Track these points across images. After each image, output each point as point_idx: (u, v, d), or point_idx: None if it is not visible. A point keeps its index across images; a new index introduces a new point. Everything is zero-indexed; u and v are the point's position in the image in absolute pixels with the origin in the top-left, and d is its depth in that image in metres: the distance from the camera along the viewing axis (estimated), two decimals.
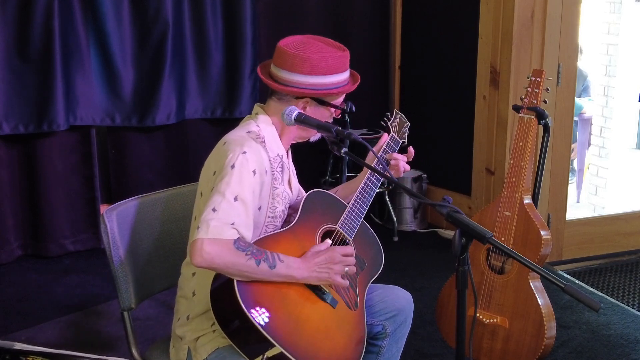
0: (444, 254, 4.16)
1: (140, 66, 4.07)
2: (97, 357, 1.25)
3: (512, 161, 2.58)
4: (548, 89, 2.61)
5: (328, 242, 1.95)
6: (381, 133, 2.33)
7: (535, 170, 2.69)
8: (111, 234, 2.01)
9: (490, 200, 4.14)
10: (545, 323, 2.50)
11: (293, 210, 2.03)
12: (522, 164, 2.55)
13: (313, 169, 4.54)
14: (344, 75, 2.00)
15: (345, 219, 2.03)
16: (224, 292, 1.77)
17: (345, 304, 1.96)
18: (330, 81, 1.95)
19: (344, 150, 1.86)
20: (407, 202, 4.58)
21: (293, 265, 1.83)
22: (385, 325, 2.10)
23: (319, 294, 1.90)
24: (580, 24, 3.93)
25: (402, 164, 2.14)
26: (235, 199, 1.78)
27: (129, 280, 2.04)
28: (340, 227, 2.02)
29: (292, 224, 1.95)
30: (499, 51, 4.00)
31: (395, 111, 2.25)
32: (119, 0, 3.94)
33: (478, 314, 2.62)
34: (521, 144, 2.56)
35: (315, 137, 2.07)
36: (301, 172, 2.20)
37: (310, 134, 2.04)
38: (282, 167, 1.99)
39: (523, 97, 2.60)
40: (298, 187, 2.15)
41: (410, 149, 2.19)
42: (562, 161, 4.02)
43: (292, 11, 4.48)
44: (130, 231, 2.07)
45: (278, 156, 1.98)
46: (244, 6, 4.20)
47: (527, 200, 2.58)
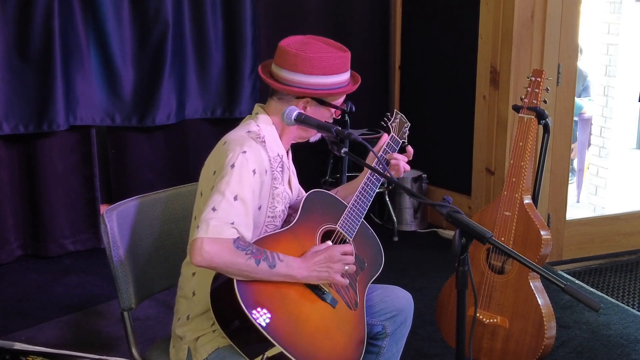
0: (444, 254, 4.16)
1: (140, 66, 4.07)
2: (97, 357, 1.25)
3: (512, 161, 2.58)
4: (548, 89, 2.61)
5: (328, 243, 1.95)
6: (381, 133, 2.33)
7: (535, 170, 2.69)
8: (111, 234, 2.01)
9: (490, 200, 4.14)
10: (545, 323, 2.50)
11: (293, 210, 2.03)
12: (522, 164, 2.55)
13: (313, 169, 4.53)
14: (345, 76, 2.00)
15: (345, 219, 2.03)
16: (224, 292, 1.77)
17: (345, 303, 1.96)
18: (331, 81, 1.95)
19: (344, 150, 1.86)
20: (407, 202, 4.58)
21: (293, 265, 1.83)
22: (385, 326, 2.10)
23: (319, 293, 1.90)
24: (580, 24, 3.93)
25: (403, 163, 2.14)
26: (235, 198, 1.78)
27: (129, 280, 2.04)
28: (340, 227, 2.02)
29: (292, 223, 1.95)
30: (499, 51, 4.00)
31: (395, 111, 2.25)
32: (119, 0, 3.94)
33: (478, 314, 2.62)
34: (521, 144, 2.56)
35: (315, 137, 2.07)
36: (301, 172, 2.20)
37: (310, 134, 2.04)
38: (282, 167, 1.99)
39: (523, 97, 2.60)
40: (298, 187, 2.15)
41: (409, 148, 2.19)
42: (562, 161, 4.02)
43: (292, 11, 4.48)
44: (130, 231, 2.07)
45: (278, 156, 1.98)
46: (244, 6, 4.20)
47: (527, 200, 2.58)
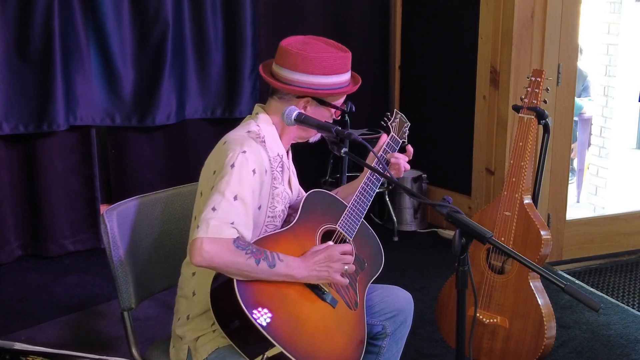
0: (444, 254, 4.16)
1: (140, 66, 4.07)
2: (97, 357, 1.25)
3: (512, 161, 2.58)
4: (548, 89, 2.61)
5: (329, 243, 1.95)
6: (381, 133, 2.33)
7: (535, 170, 2.69)
8: (111, 234, 2.01)
9: (490, 200, 4.14)
10: (545, 323, 2.50)
11: (293, 210, 2.03)
12: (522, 164, 2.55)
13: (313, 169, 4.53)
14: (346, 77, 2.00)
15: (345, 218, 2.03)
16: (224, 292, 1.77)
17: (345, 303, 1.96)
18: (331, 81, 1.95)
19: (344, 150, 1.86)
20: (407, 202, 4.58)
21: (292, 265, 1.83)
22: (385, 326, 2.10)
23: (319, 293, 1.90)
24: (580, 24, 3.93)
25: (403, 163, 2.14)
26: (235, 198, 1.78)
27: (129, 280, 2.04)
28: (340, 227, 2.01)
29: (292, 223, 1.95)
30: (499, 51, 4.00)
31: (395, 111, 2.25)
32: (119, 0, 3.94)
33: (478, 314, 2.61)
34: (521, 144, 2.56)
35: (314, 138, 2.07)
36: (301, 172, 2.20)
37: (310, 134, 2.04)
38: (282, 167, 1.99)
39: (523, 97, 2.60)
40: (298, 187, 2.15)
41: (409, 147, 2.19)
42: (562, 161, 4.02)
43: (292, 11, 4.48)
44: (130, 231, 2.07)
45: (278, 156, 1.98)
46: (244, 6, 4.20)
47: (527, 200, 2.58)
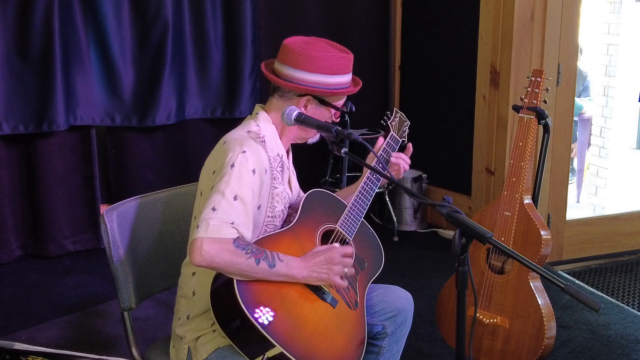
0: (444, 254, 4.16)
1: (140, 66, 4.07)
2: (97, 357, 1.25)
3: (512, 161, 2.58)
4: (548, 89, 2.61)
5: (335, 245, 1.94)
6: (381, 133, 2.33)
7: (535, 170, 2.69)
8: (111, 234, 2.01)
9: (490, 200, 4.14)
10: (545, 323, 2.50)
11: (293, 210, 2.03)
12: (522, 164, 2.55)
13: (313, 169, 4.53)
14: (347, 77, 2.01)
15: (345, 218, 2.03)
16: (224, 292, 1.77)
17: (345, 303, 1.96)
18: (333, 81, 1.96)
19: (344, 150, 1.86)
20: (407, 202, 4.58)
21: (293, 265, 1.83)
22: (385, 325, 2.10)
23: (319, 293, 1.90)
24: (580, 24, 3.93)
25: (403, 163, 2.14)
26: (235, 198, 1.78)
27: (129, 280, 2.04)
28: (340, 227, 2.01)
29: (292, 223, 1.95)
30: (499, 51, 4.00)
31: (395, 110, 2.25)
32: (119, 1, 3.94)
33: (478, 314, 2.61)
34: (521, 144, 2.56)
35: (313, 138, 2.07)
36: (301, 172, 2.20)
37: (309, 134, 2.04)
38: (282, 167, 1.99)
39: (523, 97, 2.60)
40: (298, 188, 2.15)
41: (409, 145, 2.20)
42: (562, 161, 4.02)
43: (292, 11, 4.48)
44: (130, 231, 2.07)
45: (278, 156, 1.98)
46: (244, 6, 4.20)
47: (527, 200, 2.58)
